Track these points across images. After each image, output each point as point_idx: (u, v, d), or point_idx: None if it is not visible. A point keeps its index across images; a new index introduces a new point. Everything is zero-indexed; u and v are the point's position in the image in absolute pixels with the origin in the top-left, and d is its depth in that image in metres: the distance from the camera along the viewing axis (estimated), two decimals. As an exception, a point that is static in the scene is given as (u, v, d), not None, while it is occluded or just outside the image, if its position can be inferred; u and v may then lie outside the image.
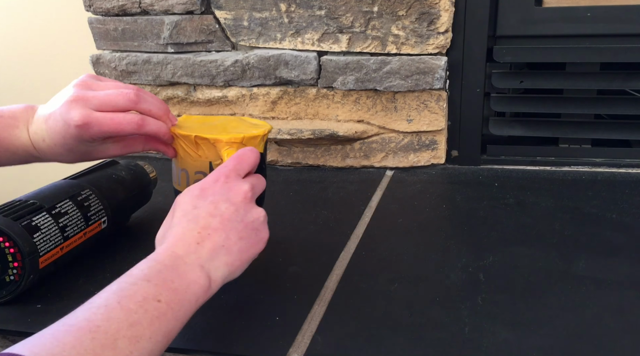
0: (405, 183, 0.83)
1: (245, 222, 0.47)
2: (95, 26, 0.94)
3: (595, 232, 0.64)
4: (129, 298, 0.37)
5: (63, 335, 0.33)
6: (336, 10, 0.82)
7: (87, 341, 0.33)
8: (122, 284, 0.39)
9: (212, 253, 0.44)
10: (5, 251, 0.52)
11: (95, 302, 0.37)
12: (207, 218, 0.45)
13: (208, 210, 0.46)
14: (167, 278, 0.40)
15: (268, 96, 0.90)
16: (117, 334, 0.35)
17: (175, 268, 0.41)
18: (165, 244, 0.44)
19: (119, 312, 0.36)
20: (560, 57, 0.81)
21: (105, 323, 0.35)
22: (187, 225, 0.45)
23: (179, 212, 0.46)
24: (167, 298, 0.39)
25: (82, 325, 0.34)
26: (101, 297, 0.37)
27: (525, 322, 0.49)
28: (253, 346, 0.48)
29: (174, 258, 0.42)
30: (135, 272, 0.40)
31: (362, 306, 0.52)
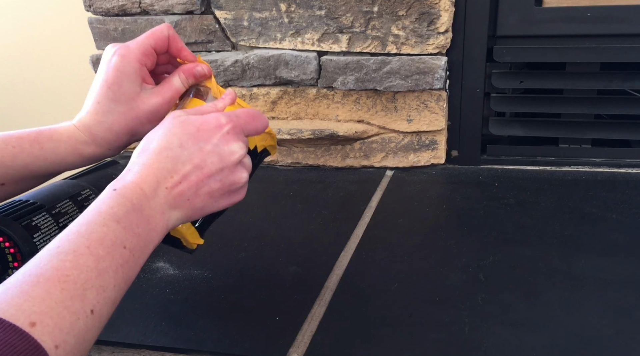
0: (405, 183, 0.83)
1: (223, 182, 0.44)
2: (95, 26, 0.94)
3: (595, 232, 0.64)
4: (98, 243, 0.36)
5: (31, 287, 0.31)
6: (336, 10, 0.82)
7: (56, 292, 0.32)
8: (92, 225, 0.36)
9: (175, 203, 0.42)
10: (5, 251, 0.52)
11: (63, 247, 0.35)
12: (187, 165, 0.42)
13: (193, 158, 0.42)
14: (133, 221, 0.38)
15: (268, 96, 0.90)
16: (86, 284, 0.33)
17: (141, 210, 0.39)
18: (136, 175, 0.41)
19: (87, 259, 0.34)
20: (560, 57, 0.81)
21: (74, 271, 0.33)
22: (165, 163, 0.42)
23: (163, 138, 0.43)
24: (131, 245, 0.37)
25: (51, 275, 0.32)
26: (69, 240, 0.35)
27: (525, 322, 0.49)
28: (253, 346, 0.48)
29: (141, 197, 0.40)
30: (103, 209, 0.38)
31: (362, 306, 0.52)
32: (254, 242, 0.66)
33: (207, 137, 0.43)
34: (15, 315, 0.29)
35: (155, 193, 0.41)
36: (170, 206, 0.41)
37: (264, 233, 0.68)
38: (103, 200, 0.39)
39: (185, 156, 0.42)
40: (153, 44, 0.52)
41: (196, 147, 0.43)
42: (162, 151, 0.42)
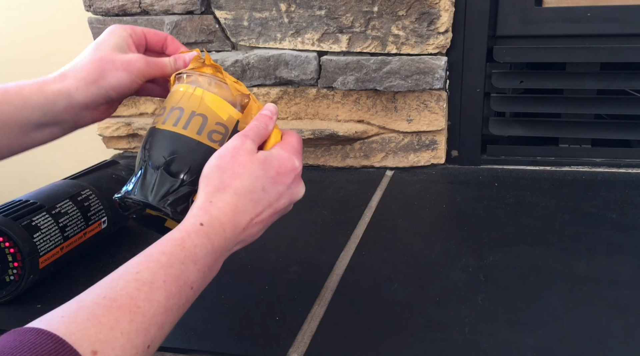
0: (405, 183, 0.83)
1: (282, 213, 0.48)
2: (95, 26, 0.94)
3: (595, 232, 0.64)
4: (174, 279, 0.36)
5: (102, 312, 0.31)
6: (336, 10, 0.82)
7: (125, 323, 0.32)
8: (173, 259, 0.37)
9: (244, 239, 0.44)
10: (5, 251, 0.52)
11: (142, 275, 0.35)
12: (265, 207, 0.45)
13: (271, 200, 0.45)
14: (207, 264, 0.39)
15: (268, 96, 0.90)
16: (152, 319, 0.33)
17: (218, 253, 0.41)
18: (221, 213, 0.42)
19: (161, 294, 0.35)
20: (560, 57, 0.81)
21: (146, 304, 0.33)
22: (248, 206, 0.43)
23: (248, 180, 0.44)
24: (197, 286, 0.38)
25: (124, 303, 0.32)
26: (150, 269, 0.35)
27: (525, 322, 0.49)
28: (253, 346, 0.48)
29: (222, 241, 0.41)
30: (187, 246, 0.38)
31: (362, 306, 0.52)
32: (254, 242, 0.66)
33: (284, 181, 0.46)
34: (81, 339, 0.29)
35: (233, 234, 0.43)
36: (238, 243, 0.44)
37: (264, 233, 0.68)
38: (189, 232, 0.40)
39: (265, 199, 0.45)
40: (146, 31, 0.55)
41: (275, 190, 0.46)
42: (247, 194, 0.44)
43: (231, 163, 0.44)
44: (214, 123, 0.50)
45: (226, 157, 0.45)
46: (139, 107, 0.98)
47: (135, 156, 1.02)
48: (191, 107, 0.50)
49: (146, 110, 0.97)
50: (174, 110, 0.50)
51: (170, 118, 0.49)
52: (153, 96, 0.59)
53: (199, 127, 0.49)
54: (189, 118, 0.49)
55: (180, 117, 0.49)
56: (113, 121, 0.99)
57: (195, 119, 0.49)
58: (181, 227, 0.40)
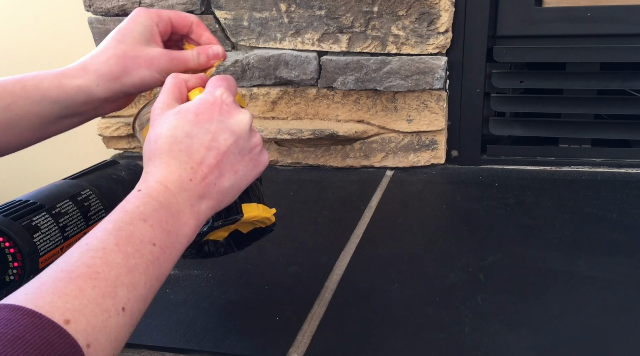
0: (405, 183, 0.83)
1: (243, 152, 0.44)
2: (95, 26, 0.94)
3: (595, 232, 0.64)
4: (127, 240, 0.36)
5: (63, 284, 0.31)
6: (336, 10, 0.82)
7: (88, 290, 0.32)
8: (119, 223, 0.37)
9: (203, 192, 0.41)
10: (5, 251, 0.52)
11: (92, 244, 0.35)
12: (202, 150, 0.41)
13: (204, 141, 0.42)
14: (161, 218, 0.38)
15: (268, 96, 0.90)
16: (117, 281, 0.33)
17: (169, 207, 0.39)
18: (157, 175, 0.41)
19: (117, 256, 0.34)
20: (560, 57, 0.81)
21: (104, 268, 0.33)
22: (179, 157, 0.41)
23: (167, 134, 0.42)
24: (161, 242, 0.37)
25: (82, 272, 0.32)
26: (98, 237, 0.35)
27: (525, 322, 0.49)
28: (253, 346, 0.48)
29: (167, 195, 0.40)
30: (130, 208, 0.38)
31: (362, 306, 0.52)
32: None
33: (209, 117, 0.43)
34: (51, 311, 0.29)
35: (181, 188, 0.40)
36: (198, 197, 0.41)
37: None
38: (129, 200, 0.39)
39: (196, 143, 0.42)
40: (173, 17, 0.53)
41: (203, 130, 0.42)
42: (171, 147, 0.41)
43: (152, 132, 0.43)
44: None
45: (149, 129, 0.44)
46: (139, 107, 0.98)
47: (135, 156, 1.02)
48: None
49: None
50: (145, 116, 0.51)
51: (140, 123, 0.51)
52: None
53: None
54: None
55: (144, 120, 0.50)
56: (113, 121, 0.99)
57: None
58: (123, 200, 0.39)
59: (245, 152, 0.44)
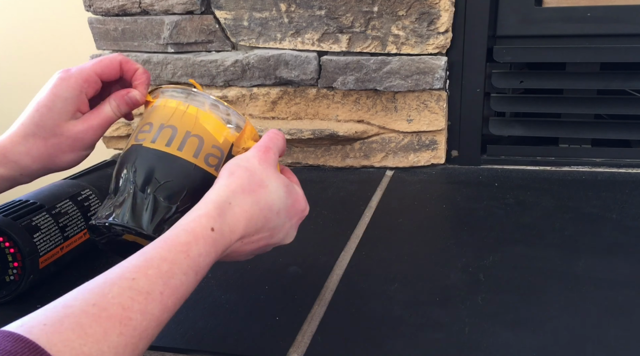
0: (405, 183, 0.83)
1: (266, 248, 0.45)
2: (95, 26, 0.94)
3: (595, 232, 0.64)
4: (172, 292, 0.33)
5: (89, 322, 0.28)
6: (336, 10, 0.82)
7: (113, 336, 0.29)
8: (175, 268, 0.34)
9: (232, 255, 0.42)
10: (5, 251, 0.52)
11: (139, 283, 0.31)
12: (268, 231, 0.42)
13: (276, 228, 0.43)
14: (204, 272, 0.37)
15: (268, 96, 0.90)
16: (143, 333, 0.31)
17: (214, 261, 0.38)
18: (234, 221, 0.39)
19: (156, 307, 0.32)
20: (560, 57, 0.81)
21: (139, 316, 0.30)
22: (258, 222, 0.40)
23: (273, 196, 0.41)
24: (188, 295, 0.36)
25: (114, 313, 0.29)
26: (147, 277, 0.32)
27: (525, 322, 0.49)
28: (253, 346, 0.48)
29: (225, 249, 0.38)
30: (193, 254, 0.35)
31: (362, 306, 0.52)
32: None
33: (292, 217, 0.45)
34: (62, 351, 0.27)
35: (231, 244, 0.39)
36: (227, 256, 0.41)
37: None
38: (197, 236, 0.36)
39: (272, 224, 0.42)
40: (99, 71, 0.50)
41: (283, 221, 0.44)
42: (265, 208, 0.41)
43: (260, 170, 0.42)
44: (210, 146, 0.46)
45: (253, 162, 0.42)
46: (140, 108, 0.97)
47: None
48: (185, 127, 0.46)
49: (146, 110, 0.97)
50: (165, 128, 0.46)
51: (161, 137, 0.45)
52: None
53: (195, 149, 0.45)
54: (184, 139, 0.45)
55: (173, 137, 0.45)
56: (113, 121, 0.99)
57: (191, 140, 0.45)
58: (189, 228, 0.36)
59: (270, 248, 0.46)
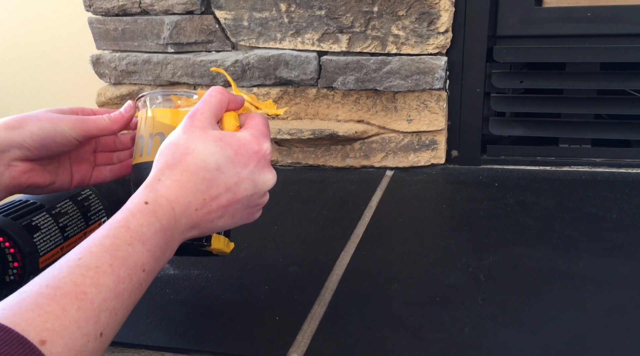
0: (405, 183, 0.83)
1: (249, 206, 0.44)
2: (95, 26, 0.94)
3: (595, 232, 0.64)
4: (122, 263, 0.34)
5: (47, 301, 0.29)
6: (336, 10, 0.82)
7: (72, 311, 0.30)
8: (118, 241, 0.35)
9: (199, 223, 0.41)
10: (5, 251, 0.52)
11: (85, 260, 0.33)
12: (221, 188, 0.41)
13: (228, 183, 0.41)
14: (157, 243, 0.37)
15: (268, 96, 0.90)
16: (102, 305, 0.32)
17: (166, 231, 0.38)
18: (169, 190, 0.39)
19: (108, 278, 0.32)
20: (560, 57, 0.81)
21: (93, 290, 0.31)
22: (200, 185, 0.40)
23: (200, 156, 0.41)
24: (149, 268, 0.36)
25: (69, 290, 0.31)
26: (93, 253, 0.33)
27: (525, 322, 0.49)
28: (253, 346, 0.48)
29: (170, 218, 0.38)
30: (132, 226, 0.36)
31: (362, 306, 0.52)
32: (254, 242, 0.66)
33: (245, 163, 0.42)
34: (27, 329, 0.28)
35: (184, 214, 0.39)
36: (192, 226, 0.40)
37: (264, 233, 0.68)
38: (132, 212, 0.37)
39: (221, 180, 0.41)
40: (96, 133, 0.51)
41: (233, 171, 0.42)
42: (198, 171, 0.40)
43: (183, 139, 0.41)
44: None
45: (177, 133, 0.42)
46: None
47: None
48: (148, 131, 0.48)
49: (146, 110, 0.97)
50: (138, 140, 0.49)
51: (137, 150, 0.49)
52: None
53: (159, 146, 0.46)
54: (149, 142, 0.47)
55: (144, 145, 0.48)
56: (113, 121, 0.99)
57: (154, 141, 0.47)
58: (125, 208, 0.37)
59: (251, 206, 0.44)
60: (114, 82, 0.97)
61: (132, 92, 0.96)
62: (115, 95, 0.97)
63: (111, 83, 0.98)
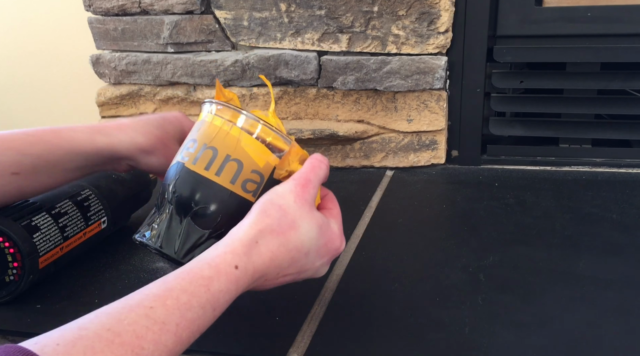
0: (405, 183, 0.83)
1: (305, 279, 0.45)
2: (95, 26, 0.94)
3: (595, 232, 0.64)
4: (188, 324, 0.33)
5: (102, 347, 0.28)
6: (336, 10, 0.82)
7: None
8: (193, 301, 0.34)
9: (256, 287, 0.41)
10: (5, 251, 0.52)
11: (156, 311, 0.31)
12: (295, 270, 0.41)
13: (304, 267, 0.42)
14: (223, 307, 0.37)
15: (268, 96, 0.90)
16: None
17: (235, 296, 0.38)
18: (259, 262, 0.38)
19: (170, 338, 0.32)
20: (560, 57, 0.81)
21: (152, 347, 0.30)
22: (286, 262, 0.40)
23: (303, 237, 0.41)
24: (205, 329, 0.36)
25: (128, 341, 0.29)
26: (165, 306, 0.32)
27: (525, 322, 0.48)
28: (253, 346, 0.48)
29: (247, 286, 0.38)
30: (214, 289, 0.35)
31: (362, 306, 0.52)
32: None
33: (324, 255, 0.43)
34: None
35: (256, 282, 0.39)
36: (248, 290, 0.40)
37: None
38: (219, 273, 0.36)
39: (300, 264, 0.42)
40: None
41: (313, 260, 0.43)
42: (292, 250, 0.40)
43: (293, 209, 0.41)
44: (250, 171, 0.45)
45: (288, 199, 0.41)
46: (139, 107, 0.98)
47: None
48: (226, 150, 0.45)
49: (146, 110, 0.97)
50: (207, 149, 0.45)
51: (202, 158, 0.45)
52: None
53: (233, 174, 0.45)
54: (223, 163, 0.45)
55: (213, 160, 0.45)
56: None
57: (230, 165, 0.45)
58: (213, 263, 0.36)
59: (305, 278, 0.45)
60: (113, 82, 0.97)
61: (132, 92, 0.96)
62: (115, 95, 0.97)
63: (111, 83, 0.97)
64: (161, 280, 0.34)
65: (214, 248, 0.38)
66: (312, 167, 0.44)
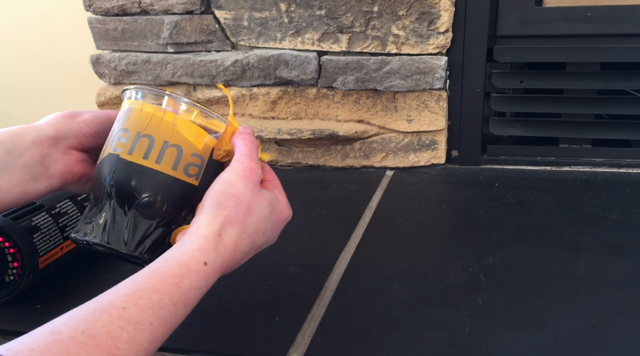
0: (405, 183, 0.83)
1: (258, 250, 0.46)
2: (95, 26, 0.94)
3: (595, 232, 0.64)
4: (162, 323, 0.33)
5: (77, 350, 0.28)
6: (336, 10, 0.82)
7: None
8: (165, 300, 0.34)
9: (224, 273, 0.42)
10: (5, 251, 0.52)
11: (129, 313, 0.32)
12: (255, 250, 0.44)
13: (263, 244, 0.45)
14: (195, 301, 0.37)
15: (268, 96, 0.90)
16: None
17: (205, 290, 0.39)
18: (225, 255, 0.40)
19: (144, 337, 0.32)
20: (560, 57, 0.81)
21: (127, 346, 0.30)
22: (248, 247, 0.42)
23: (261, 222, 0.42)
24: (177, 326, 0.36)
25: (103, 342, 0.29)
26: (138, 306, 0.32)
27: (525, 322, 0.48)
28: (253, 346, 0.48)
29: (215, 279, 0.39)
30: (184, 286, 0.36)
31: (362, 306, 0.52)
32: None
33: (277, 228, 0.46)
34: None
35: (224, 271, 0.41)
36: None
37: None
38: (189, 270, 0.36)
39: (260, 242, 0.44)
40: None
41: (270, 236, 0.45)
42: (252, 234, 0.42)
43: (246, 195, 0.42)
44: (190, 155, 0.44)
45: (239, 186, 0.42)
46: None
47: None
48: (163, 136, 0.44)
49: (146, 110, 0.97)
50: (142, 137, 0.44)
51: (138, 147, 0.44)
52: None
53: (174, 160, 0.44)
54: (162, 150, 0.44)
55: (150, 148, 0.43)
56: (113, 121, 0.99)
57: (169, 151, 0.44)
58: (182, 261, 0.37)
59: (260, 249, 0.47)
60: (113, 82, 0.97)
61: (132, 92, 0.96)
62: (114, 95, 0.97)
63: (111, 83, 0.97)
64: (130, 280, 0.34)
65: (179, 246, 0.39)
66: (248, 149, 0.45)
